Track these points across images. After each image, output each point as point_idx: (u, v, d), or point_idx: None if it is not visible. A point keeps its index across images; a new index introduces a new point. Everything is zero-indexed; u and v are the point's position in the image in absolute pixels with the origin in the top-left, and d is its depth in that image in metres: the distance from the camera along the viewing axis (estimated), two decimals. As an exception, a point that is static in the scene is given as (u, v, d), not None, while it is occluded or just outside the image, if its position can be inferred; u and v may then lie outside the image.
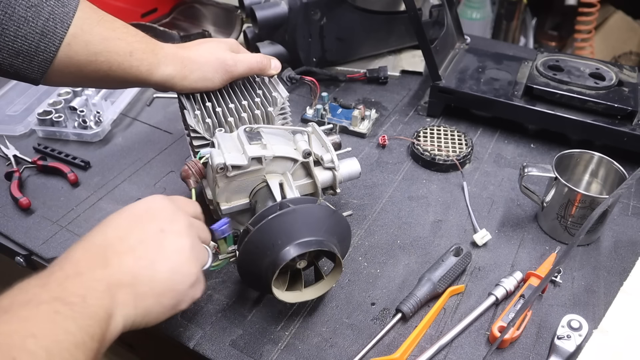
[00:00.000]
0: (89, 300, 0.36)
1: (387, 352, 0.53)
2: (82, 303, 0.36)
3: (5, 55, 0.52)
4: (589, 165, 0.67)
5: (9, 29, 0.51)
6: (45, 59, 0.54)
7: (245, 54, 0.66)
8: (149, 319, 0.41)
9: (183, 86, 0.61)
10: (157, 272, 0.41)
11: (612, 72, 0.82)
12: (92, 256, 0.40)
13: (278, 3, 0.88)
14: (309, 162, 0.58)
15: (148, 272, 0.41)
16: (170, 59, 0.59)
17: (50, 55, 0.53)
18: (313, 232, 0.50)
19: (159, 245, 0.42)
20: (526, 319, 0.55)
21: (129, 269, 0.40)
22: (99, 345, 0.36)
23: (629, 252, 0.63)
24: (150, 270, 0.41)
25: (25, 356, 0.31)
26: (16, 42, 0.51)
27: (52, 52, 0.53)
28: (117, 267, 0.40)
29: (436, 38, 0.88)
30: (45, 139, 0.83)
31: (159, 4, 1.13)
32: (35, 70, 0.54)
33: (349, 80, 0.96)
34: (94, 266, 0.39)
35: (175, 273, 0.42)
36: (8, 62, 0.52)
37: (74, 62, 0.55)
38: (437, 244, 0.65)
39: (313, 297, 0.54)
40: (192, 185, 0.56)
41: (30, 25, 0.51)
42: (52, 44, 0.53)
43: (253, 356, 0.52)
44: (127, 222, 0.43)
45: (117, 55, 0.56)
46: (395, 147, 0.81)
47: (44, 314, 0.34)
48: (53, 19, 0.52)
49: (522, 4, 1.76)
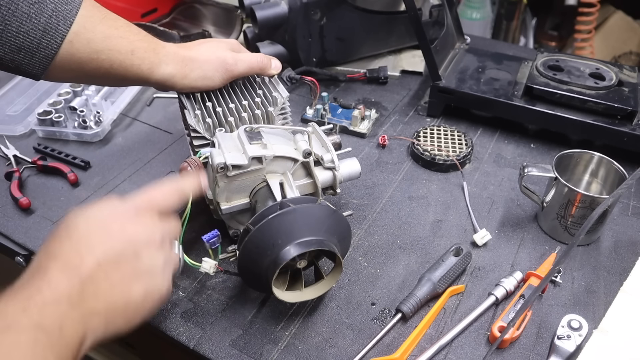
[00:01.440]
0: (65, 330, 0.37)
1: (387, 352, 0.53)
2: (59, 332, 0.37)
3: (7, 51, 0.52)
4: (589, 165, 0.67)
5: (12, 24, 0.51)
6: (46, 56, 0.54)
7: (246, 53, 0.66)
8: (117, 333, 0.42)
9: (183, 85, 0.61)
10: (130, 298, 0.42)
11: (612, 72, 0.82)
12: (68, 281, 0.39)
13: (278, 3, 0.88)
14: (309, 162, 0.58)
15: (122, 299, 0.42)
16: (171, 58, 0.59)
17: (52, 52, 0.54)
18: (313, 232, 0.50)
19: (133, 270, 0.42)
20: (526, 319, 0.55)
21: (104, 297, 0.40)
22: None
23: (629, 252, 0.63)
24: (125, 297, 0.42)
25: None
26: (18, 37, 0.51)
27: (54, 49, 0.53)
28: (93, 297, 0.40)
29: (436, 38, 0.88)
30: (45, 139, 0.83)
31: (159, 4, 1.13)
32: (37, 66, 0.54)
33: (349, 80, 0.96)
34: (70, 294, 0.39)
35: (148, 294, 0.43)
36: (9, 57, 0.53)
37: (75, 59, 0.55)
38: (437, 244, 0.65)
39: (313, 297, 0.54)
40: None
41: (33, 22, 0.52)
42: (54, 41, 0.53)
43: (253, 356, 0.52)
44: (100, 238, 0.42)
45: (118, 54, 0.56)
46: (395, 147, 0.81)
47: (25, 343, 0.35)
48: (56, 16, 0.53)
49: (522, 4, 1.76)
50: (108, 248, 0.42)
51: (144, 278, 0.43)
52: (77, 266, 0.40)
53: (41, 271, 0.39)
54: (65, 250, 0.41)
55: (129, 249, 0.43)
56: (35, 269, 0.40)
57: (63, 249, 0.41)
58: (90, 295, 0.39)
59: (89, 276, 0.40)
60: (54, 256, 0.41)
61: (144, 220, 0.45)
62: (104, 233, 0.43)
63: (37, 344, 0.35)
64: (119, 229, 0.43)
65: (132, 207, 0.45)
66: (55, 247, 0.41)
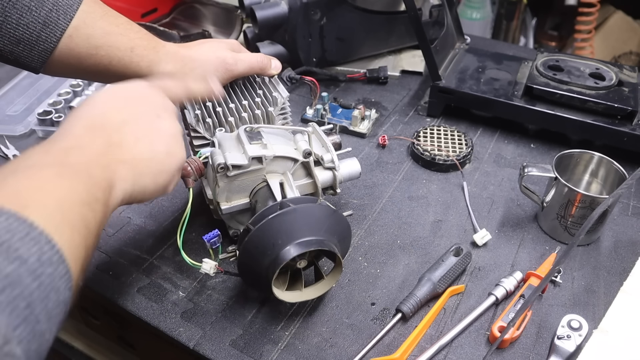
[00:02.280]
0: (91, 170, 0.37)
1: (387, 352, 0.53)
2: (85, 171, 0.36)
3: (7, 42, 0.53)
4: (589, 165, 0.67)
5: (12, 16, 0.51)
6: (45, 49, 0.54)
7: (246, 53, 0.66)
8: (144, 196, 0.43)
9: None
10: (155, 152, 0.44)
11: (612, 72, 0.82)
12: (93, 133, 0.40)
13: (278, 3, 0.88)
14: (309, 162, 0.58)
15: (147, 152, 0.43)
16: (171, 57, 0.60)
17: (51, 45, 0.54)
18: (313, 232, 0.50)
19: (157, 128, 0.45)
20: (526, 319, 0.55)
21: (129, 148, 0.42)
22: (104, 210, 0.37)
23: (629, 252, 0.63)
24: (149, 151, 0.43)
25: (36, 205, 0.31)
26: (18, 30, 0.52)
27: (53, 43, 0.54)
28: (118, 145, 0.41)
29: (436, 38, 0.88)
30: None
31: (159, 4, 1.13)
32: (35, 59, 0.55)
33: (349, 80, 0.96)
34: (96, 142, 0.40)
35: (169, 155, 0.45)
36: (9, 49, 0.53)
37: (74, 54, 0.55)
38: (437, 244, 0.65)
39: (313, 297, 0.54)
40: (190, 185, 0.55)
41: (33, 15, 0.52)
42: (54, 35, 0.53)
43: (253, 356, 0.52)
44: (123, 104, 0.44)
45: (117, 50, 0.57)
46: (395, 147, 0.81)
47: (49, 174, 0.34)
48: (56, 10, 0.53)
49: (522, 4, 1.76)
50: (131, 109, 0.44)
51: (165, 137, 0.45)
52: (103, 124, 0.41)
53: (62, 129, 0.40)
54: (86, 111, 0.43)
55: (150, 111, 0.45)
56: (61, 130, 0.40)
57: (84, 111, 0.43)
58: (115, 144, 0.41)
59: (115, 130, 0.41)
60: (79, 117, 0.42)
61: (162, 94, 0.48)
62: (123, 96, 0.45)
63: (63, 177, 0.34)
64: (140, 96, 0.46)
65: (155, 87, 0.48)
66: (80, 112, 0.43)
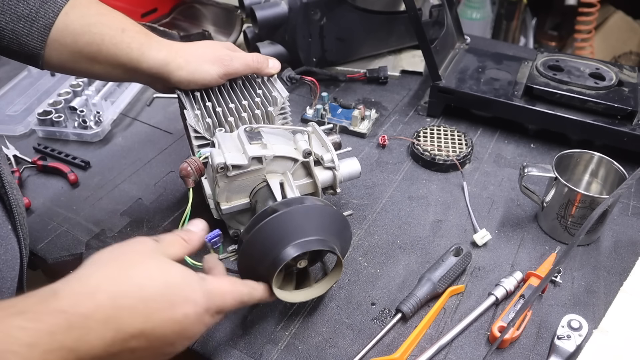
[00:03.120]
0: None
1: (387, 352, 0.53)
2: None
3: (8, 20, 0.55)
4: (589, 165, 0.67)
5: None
6: (44, 25, 0.56)
7: (242, 52, 0.66)
8: None
9: (180, 77, 0.60)
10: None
11: (612, 72, 0.82)
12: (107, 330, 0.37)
13: (278, 3, 0.88)
14: (309, 161, 0.58)
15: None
16: (164, 44, 0.61)
17: (49, 21, 0.56)
18: (313, 232, 0.50)
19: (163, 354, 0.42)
20: (526, 319, 0.55)
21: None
22: None
23: (629, 252, 0.63)
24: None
25: None
26: (19, 6, 0.55)
27: (51, 18, 0.56)
28: None
29: (436, 38, 0.88)
30: (45, 139, 0.83)
31: (159, 4, 1.14)
32: (35, 36, 0.56)
33: (349, 80, 0.96)
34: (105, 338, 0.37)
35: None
36: (10, 27, 0.55)
37: (69, 30, 0.57)
38: (437, 244, 0.65)
39: (313, 297, 0.54)
40: (190, 185, 0.55)
41: None
42: (51, 10, 0.56)
43: (253, 356, 0.52)
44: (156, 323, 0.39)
45: (109, 29, 0.59)
46: (395, 147, 0.81)
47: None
48: None
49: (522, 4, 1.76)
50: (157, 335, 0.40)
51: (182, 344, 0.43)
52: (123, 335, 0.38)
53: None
54: (118, 317, 0.38)
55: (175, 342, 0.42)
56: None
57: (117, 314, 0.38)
58: None
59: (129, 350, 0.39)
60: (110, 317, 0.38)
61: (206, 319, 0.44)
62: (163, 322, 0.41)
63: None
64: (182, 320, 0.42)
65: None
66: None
